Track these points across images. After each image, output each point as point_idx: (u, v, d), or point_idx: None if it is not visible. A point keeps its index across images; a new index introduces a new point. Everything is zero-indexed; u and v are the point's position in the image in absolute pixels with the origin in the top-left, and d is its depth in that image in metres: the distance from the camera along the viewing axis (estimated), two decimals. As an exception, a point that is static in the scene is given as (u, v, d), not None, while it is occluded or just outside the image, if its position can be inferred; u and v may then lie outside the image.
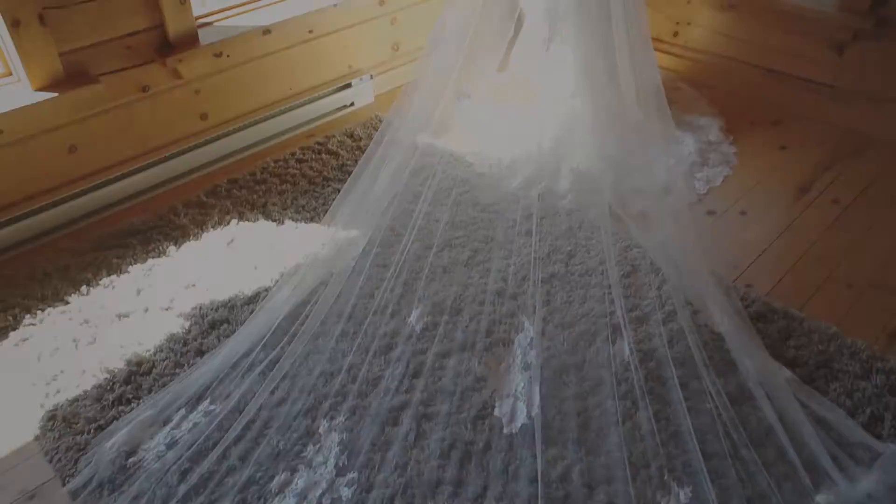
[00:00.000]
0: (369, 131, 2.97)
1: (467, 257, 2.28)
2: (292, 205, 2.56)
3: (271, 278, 2.23)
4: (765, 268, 2.30)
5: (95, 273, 2.27)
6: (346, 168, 2.74)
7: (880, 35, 2.78)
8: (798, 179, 2.71)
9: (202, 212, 2.54)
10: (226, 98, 2.80)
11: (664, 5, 3.36)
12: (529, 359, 1.91)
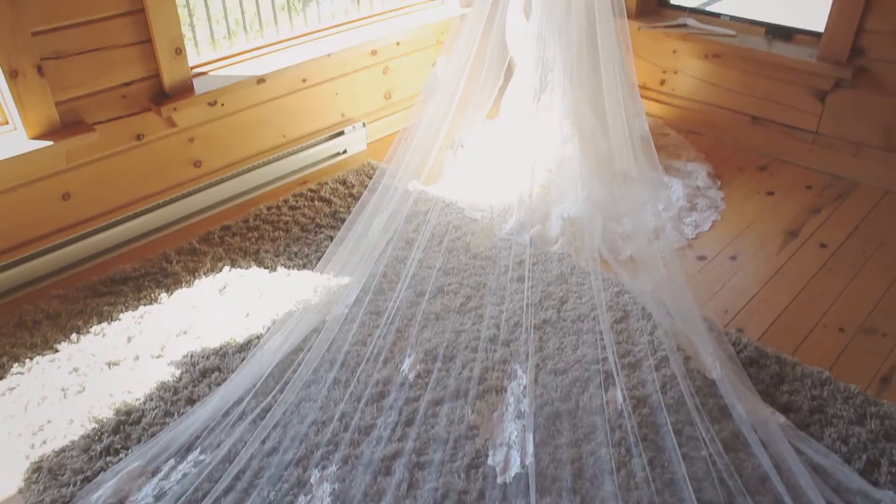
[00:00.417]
0: (362, 178, 3.00)
1: (460, 304, 2.29)
2: (285, 252, 2.57)
3: (263, 325, 2.22)
4: (756, 312, 2.31)
5: (86, 320, 2.25)
6: (339, 215, 2.76)
7: (859, 84, 2.85)
8: (786, 224, 2.74)
9: (195, 259, 2.54)
10: (219, 146, 2.83)
11: (651, 54, 3.44)
12: (523, 406, 1.90)
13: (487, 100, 2.65)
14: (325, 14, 4.62)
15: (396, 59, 3.30)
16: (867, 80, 2.83)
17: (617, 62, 2.65)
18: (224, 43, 5.98)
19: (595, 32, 2.53)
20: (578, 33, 2.55)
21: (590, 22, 2.54)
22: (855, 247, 2.60)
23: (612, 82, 2.56)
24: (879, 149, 2.90)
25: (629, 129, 2.57)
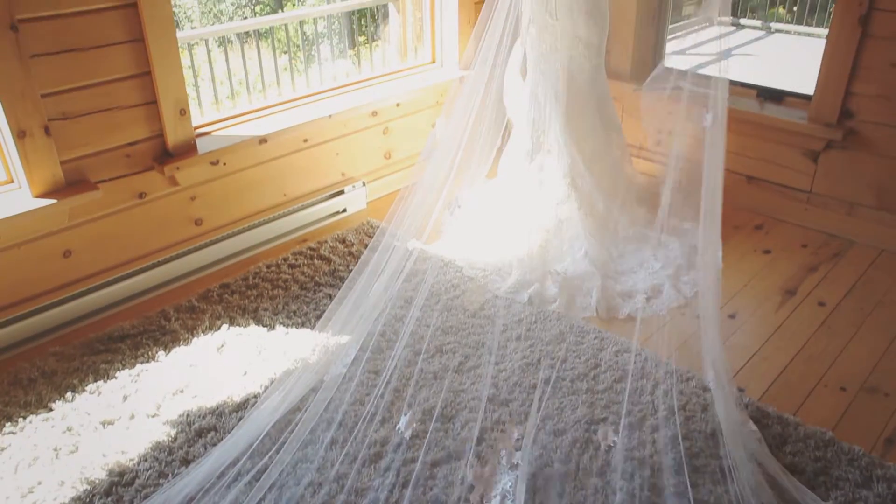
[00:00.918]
0: (361, 237, 3.02)
1: (458, 363, 2.27)
2: (283, 310, 2.57)
3: (261, 384, 2.20)
4: (756, 371, 2.29)
5: (82, 379, 2.24)
6: (338, 273, 2.77)
7: (849, 145, 2.91)
8: (784, 282, 2.75)
9: (193, 316, 2.53)
10: (221, 204, 2.86)
11: (646, 115, 3.50)
12: (516, 459, 1.87)
13: (486, 160, 2.69)
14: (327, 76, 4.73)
15: (396, 120, 3.37)
16: (857, 141, 2.89)
17: (613, 123, 2.72)
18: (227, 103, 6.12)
19: (591, 94, 2.59)
20: (573, 95, 2.61)
21: (586, 84, 2.60)
22: (853, 305, 2.60)
23: (609, 143, 2.62)
24: (872, 208, 2.94)
25: (626, 188, 2.62)
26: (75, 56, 2.30)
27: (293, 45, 7.43)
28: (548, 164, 2.72)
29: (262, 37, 7.95)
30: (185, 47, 4.37)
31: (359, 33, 6.86)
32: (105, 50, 2.36)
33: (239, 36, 5.09)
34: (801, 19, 7.18)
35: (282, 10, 14.29)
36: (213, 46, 6.38)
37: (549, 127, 2.69)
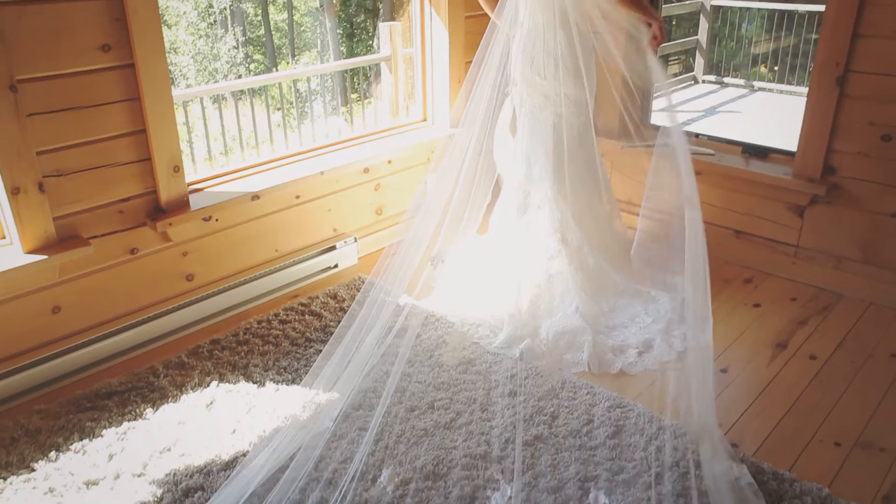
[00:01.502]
0: (352, 292, 3.02)
1: (450, 419, 2.25)
2: (274, 366, 2.55)
3: (250, 442, 2.17)
4: (750, 426, 2.28)
5: (67, 437, 2.20)
6: (329, 329, 2.76)
7: (834, 200, 2.96)
8: (774, 336, 2.76)
9: (182, 373, 2.51)
10: (212, 260, 2.87)
11: (634, 171, 3.56)
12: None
13: (476, 215, 2.72)
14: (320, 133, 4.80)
15: (388, 177, 3.41)
16: (841, 196, 2.94)
17: (601, 179, 2.76)
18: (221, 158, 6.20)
19: (579, 151, 2.64)
20: (562, 151, 2.66)
21: (574, 140, 2.66)
22: (844, 359, 2.61)
23: (598, 198, 2.65)
24: (859, 262, 2.97)
25: (615, 243, 2.64)
26: (72, 114, 2.34)
27: (286, 101, 7.57)
28: (538, 220, 2.75)
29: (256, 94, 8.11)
30: (179, 104, 4.45)
31: (351, 91, 7.00)
32: (101, 108, 2.40)
33: (233, 93, 5.18)
34: (782, 78, 7.38)
35: (276, 69, 14.59)
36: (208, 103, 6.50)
37: (538, 183, 2.73)
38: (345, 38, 14.24)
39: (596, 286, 2.72)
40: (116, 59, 2.39)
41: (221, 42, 13.63)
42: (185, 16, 13.32)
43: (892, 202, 2.83)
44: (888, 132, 2.76)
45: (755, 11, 8.29)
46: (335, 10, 14.00)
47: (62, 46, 2.26)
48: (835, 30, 2.74)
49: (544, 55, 2.61)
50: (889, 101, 2.72)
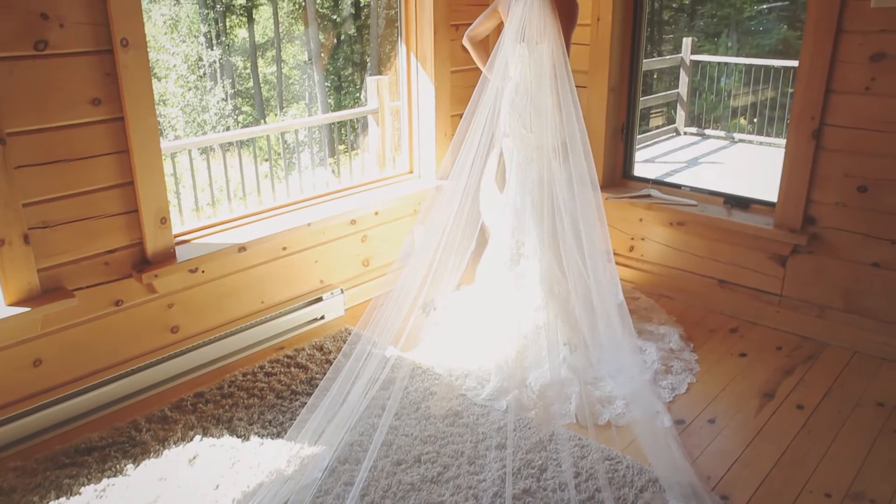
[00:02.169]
0: (339, 344, 3.00)
1: (437, 473, 2.22)
2: (259, 420, 2.51)
3: (233, 499, 2.12)
4: (739, 478, 2.26)
5: (43, 496, 2.14)
6: (315, 381, 2.73)
7: (815, 249, 3.01)
8: (761, 385, 2.76)
9: (165, 427, 2.47)
10: (198, 312, 2.85)
11: (619, 223, 3.61)
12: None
13: (461, 266, 2.73)
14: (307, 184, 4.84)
15: (375, 228, 3.43)
16: (822, 245, 2.99)
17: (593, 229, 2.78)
18: (208, 210, 6.20)
19: (567, 202, 2.67)
20: (549, 203, 2.69)
21: (562, 192, 2.69)
22: (831, 408, 2.61)
23: (586, 249, 2.67)
24: (842, 311, 3.00)
25: (603, 294, 2.66)
26: (60, 167, 2.35)
27: (274, 152, 7.65)
28: (527, 271, 2.77)
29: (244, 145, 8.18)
30: (167, 156, 4.47)
31: (339, 142, 7.09)
32: (90, 161, 2.42)
33: (221, 144, 5.23)
34: (761, 130, 7.56)
35: (264, 121, 14.76)
36: (196, 154, 6.53)
37: (526, 234, 2.76)
38: (333, 91, 14.47)
39: (583, 337, 2.72)
40: (106, 113, 2.42)
41: (210, 94, 13.80)
42: (175, 69, 13.50)
43: (871, 252, 2.87)
44: (864, 183, 2.82)
45: (733, 66, 8.54)
46: (323, 64, 14.26)
47: (52, 100, 2.29)
48: (808, 86, 2.83)
49: (533, 108, 2.67)
50: (863, 153, 2.79)
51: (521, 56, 2.66)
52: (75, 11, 2.28)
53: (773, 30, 12.09)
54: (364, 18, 14.53)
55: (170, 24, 13.58)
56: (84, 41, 2.32)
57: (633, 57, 3.50)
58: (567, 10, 2.59)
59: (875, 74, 2.69)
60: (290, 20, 14.93)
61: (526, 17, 2.60)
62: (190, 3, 13.99)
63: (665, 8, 13.68)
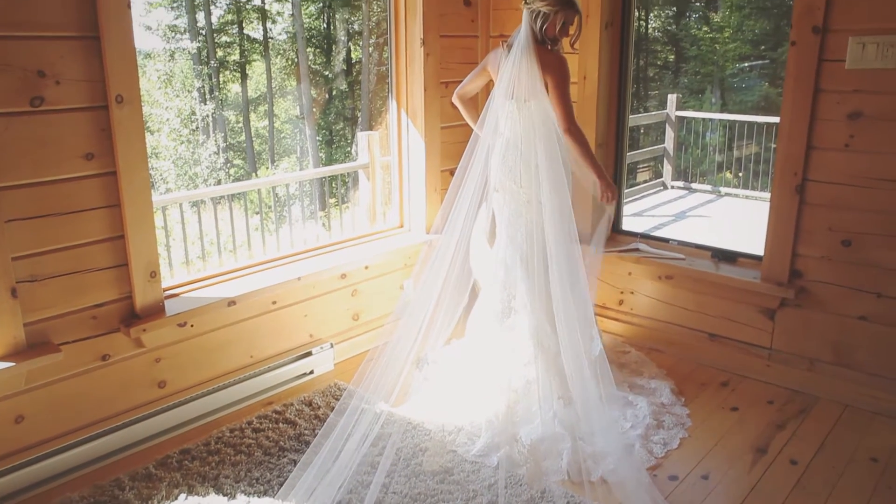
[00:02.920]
0: (328, 399, 2.97)
1: (427, 532, 2.17)
2: (246, 477, 2.46)
3: (216, 561, 2.06)
4: (734, 536, 2.23)
5: (21, 559, 2.08)
6: (304, 438, 2.69)
7: (803, 303, 3.03)
8: (754, 440, 2.74)
9: (149, 485, 2.41)
10: (186, 366, 2.82)
11: (608, 276, 3.63)
12: None
13: (453, 320, 2.73)
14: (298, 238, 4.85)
15: (365, 282, 3.43)
16: (809, 299, 3.01)
17: (578, 284, 2.80)
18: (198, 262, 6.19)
19: (556, 257, 2.70)
20: (539, 257, 2.71)
21: (550, 246, 2.71)
22: (825, 463, 2.59)
23: (573, 304, 2.68)
24: (832, 364, 3.00)
25: (590, 349, 2.66)
26: (51, 220, 2.35)
27: (265, 205, 7.68)
28: (516, 325, 2.77)
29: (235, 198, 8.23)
30: (158, 209, 4.49)
31: (330, 196, 7.14)
32: (81, 214, 2.42)
33: (212, 198, 5.26)
34: (746, 184, 7.69)
35: (256, 174, 14.87)
36: (187, 207, 6.56)
37: (516, 289, 2.77)
38: (324, 145, 14.65)
39: (574, 391, 2.70)
40: (99, 168, 2.43)
41: (203, 147, 13.94)
42: (168, 122, 13.66)
43: (857, 305, 2.90)
44: (847, 237, 2.86)
45: (717, 122, 8.73)
46: (315, 118, 14.47)
47: (47, 155, 2.31)
48: (790, 142, 2.90)
49: (522, 164, 2.72)
50: (845, 208, 2.84)
51: (510, 113, 2.72)
52: (72, 69, 2.32)
53: (754, 87, 12.42)
54: (355, 74, 14.83)
55: (164, 79, 13.80)
56: (80, 97, 2.35)
57: (619, 113, 3.58)
58: (555, 67, 2.66)
59: (853, 132, 2.76)
60: (282, 76, 15.21)
61: (515, 75, 2.67)
62: (184, 59, 14.25)
63: (650, 65, 14.05)
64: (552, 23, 2.65)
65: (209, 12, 14.30)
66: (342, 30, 14.80)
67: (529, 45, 2.65)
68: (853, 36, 2.68)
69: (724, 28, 12.36)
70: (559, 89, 2.65)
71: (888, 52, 2.61)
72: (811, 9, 2.74)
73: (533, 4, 2.66)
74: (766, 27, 11.99)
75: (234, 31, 14.77)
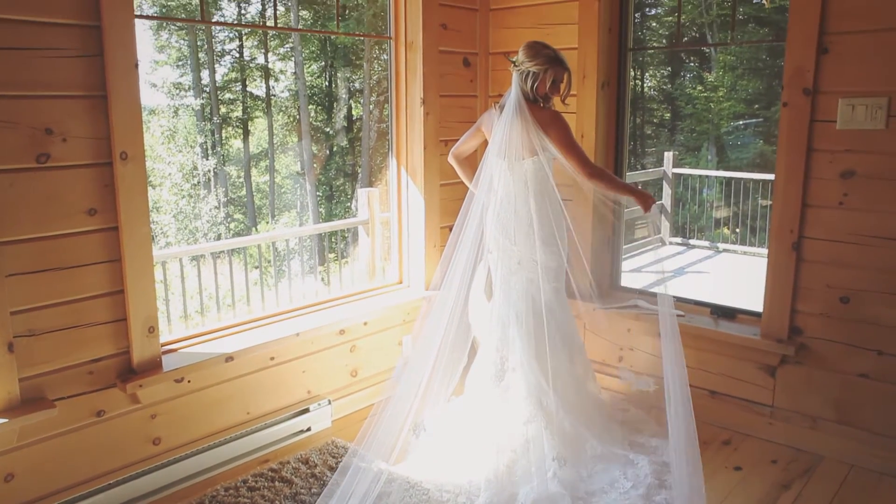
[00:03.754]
0: (325, 457, 2.92)
1: None
2: (238, 538, 2.41)
3: None
4: None
5: None
6: (300, 497, 2.64)
7: (804, 360, 3.01)
8: (758, 501, 2.69)
9: (139, 547, 2.35)
10: (182, 423, 2.78)
11: (608, 333, 3.61)
12: None
13: (452, 379, 2.71)
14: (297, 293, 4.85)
15: (364, 338, 3.41)
16: (810, 356, 2.99)
17: (574, 342, 2.80)
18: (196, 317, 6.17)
19: (552, 314, 2.70)
20: (535, 315, 2.71)
21: (546, 304, 2.72)
22: (831, 526, 2.54)
23: (571, 361, 2.68)
24: (835, 422, 2.97)
25: (591, 406, 2.63)
26: (51, 275, 2.36)
27: (265, 259, 7.71)
28: (513, 383, 2.75)
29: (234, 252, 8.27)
30: (158, 263, 4.51)
31: (329, 251, 7.17)
32: (81, 269, 2.43)
33: (212, 252, 5.28)
34: (744, 240, 7.74)
35: (256, 228, 14.96)
36: (186, 261, 6.58)
37: (512, 347, 2.76)
38: (324, 200, 14.78)
39: (573, 451, 2.67)
40: (101, 223, 2.46)
41: (204, 202, 14.06)
42: (170, 177, 13.82)
43: (858, 363, 2.88)
44: (846, 294, 2.87)
45: (714, 178, 8.84)
46: (315, 174, 14.64)
47: (50, 210, 2.33)
48: (785, 200, 2.93)
49: (515, 222, 2.74)
50: (842, 265, 2.86)
51: (503, 172, 2.76)
52: (79, 127, 2.36)
53: (749, 144, 12.63)
54: (356, 131, 15.08)
55: (168, 135, 14.02)
56: (85, 154, 2.39)
57: (616, 170, 3.63)
58: (553, 121, 2.71)
59: (847, 190, 2.80)
60: (284, 132, 15.47)
61: (507, 134, 2.72)
62: (188, 115, 14.51)
63: (647, 123, 14.31)
64: (542, 81, 2.71)
65: (214, 70, 14.64)
66: (343, 88, 15.12)
67: (521, 105, 2.71)
68: (842, 97, 2.74)
69: (718, 87, 12.64)
70: (564, 140, 2.69)
71: (877, 113, 2.67)
72: (801, 71, 2.81)
73: (522, 66, 2.73)
74: (759, 87, 12.27)
75: (238, 89, 15.09)
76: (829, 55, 2.77)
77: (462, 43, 3.67)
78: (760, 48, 12.01)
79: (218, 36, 14.57)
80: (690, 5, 12.09)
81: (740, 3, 10.28)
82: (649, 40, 12.98)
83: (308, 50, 14.79)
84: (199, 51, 14.51)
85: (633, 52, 3.60)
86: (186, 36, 14.37)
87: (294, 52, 14.69)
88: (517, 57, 2.78)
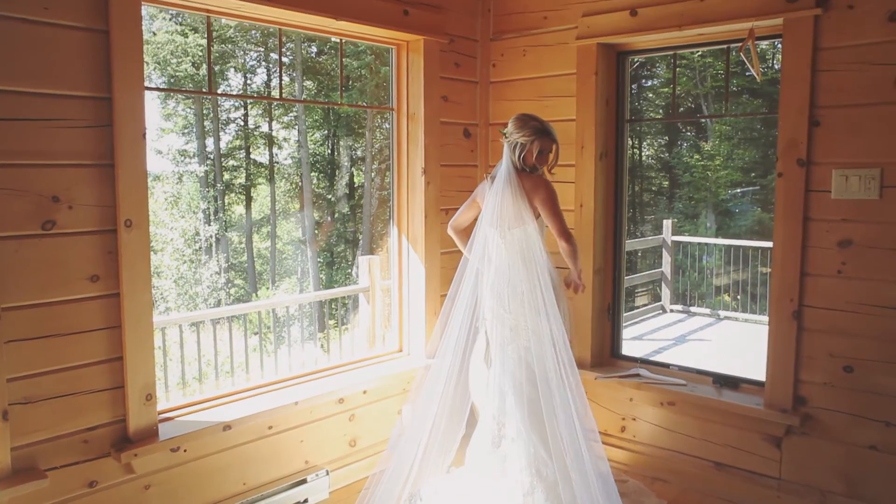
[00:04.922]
0: (321, 529, 2.85)
1: None
2: None
3: None
4: None
5: None
6: (294, 572, 2.56)
7: (809, 430, 2.96)
8: (767, 580, 2.60)
9: None
10: (176, 494, 2.72)
11: (609, 403, 3.57)
12: None
13: (450, 448, 2.67)
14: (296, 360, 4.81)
15: (363, 407, 3.37)
16: (816, 426, 2.95)
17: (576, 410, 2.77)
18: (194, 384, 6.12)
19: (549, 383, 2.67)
20: (532, 384, 2.68)
21: (543, 372, 2.70)
22: None
23: (571, 429, 2.64)
24: (844, 496, 2.90)
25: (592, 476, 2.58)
26: (51, 341, 2.35)
27: (264, 325, 7.67)
28: (512, 454, 2.70)
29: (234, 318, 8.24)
30: (157, 329, 4.49)
31: (329, 317, 7.15)
32: (81, 336, 2.42)
33: (212, 318, 5.26)
34: (745, 307, 7.72)
35: (256, 294, 14.95)
36: (186, 327, 6.55)
37: (509, 416, 2.72)
38: (325, 267, 14.84)
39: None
40: (103, 289, 2.46)
41: (205, 267, 14.10)
42: (172, 242, 13.91)
43: (866, 434, 2.83)
44: (849, 364, 2.84)
45: (713, 246, 8.89)
46: (317, 240, 14.74)
47: (53, 276, 2.34)
48: (783, 269, 2.94)
49: (509, 290, 2.75)
50: (844, 334, 2.84)
51: (496, 241, 2.79)
52: (85, 195, 2.40)
53: (748, 212, 12.75)
54: (357, 199, 15.26)
55: (171, 201, 14.18)
56: (90, 222, 2.42)
57: (616, 238, 3.66)
58: (538, 186, 2.75)
59: (845, 259, 2.82)
60: (286, 198, 15.65)
61: (498, 203, 2.77)
62: (192, 182, 14.72)
63: (645, 191, 14.48)
64: (529, 151, 2.78)
65: (218, 138, 14.92)
66: (346, 156, 15.40)
67: (510, 174, 2.77)
68: (836, 168, 2.79)
69: (714, 156, 12.85)
70: (548, 204, 2.73)
71: (870, 183, 2.72)
72: (795, 143, 2.87)
73: (511, 137, 2.81)
74: (755, 156, 12.48)
75: (242, 156, 15.35)
76: (820, 127, 2.83)
77: (463, 114, 3.76)
78: (755, 118, 12.28)
79: (223, 105, 14.93)
80: (685, 77, 12.41)
81: (733, 75, 10.55)
82: (646, 111, 13.29)
83: (311, 119, 15.13)
84: (205, 119, 14.84)
85: (630, 123, 3.68)
86: (193, 105, 14.72)
87: (298, 120, 15.02)
88: (507, 129, 2.85)
